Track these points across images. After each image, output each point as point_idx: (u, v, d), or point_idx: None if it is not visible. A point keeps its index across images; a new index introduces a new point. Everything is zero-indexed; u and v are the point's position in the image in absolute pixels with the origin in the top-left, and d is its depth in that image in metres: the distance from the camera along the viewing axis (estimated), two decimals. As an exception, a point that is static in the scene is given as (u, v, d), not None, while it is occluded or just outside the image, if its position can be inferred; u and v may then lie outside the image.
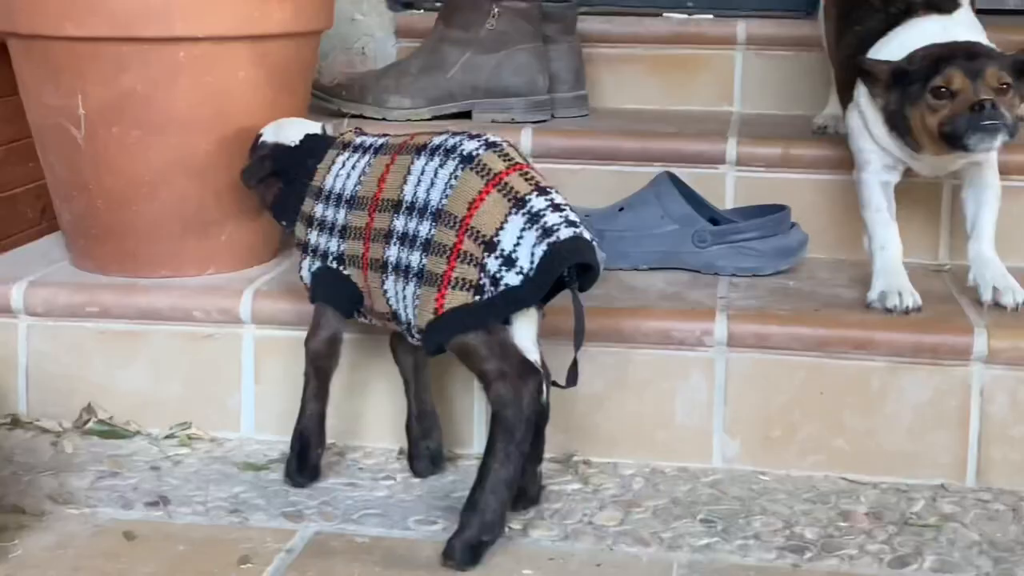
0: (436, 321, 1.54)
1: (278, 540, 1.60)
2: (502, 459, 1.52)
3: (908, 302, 1.84)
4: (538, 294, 1.53)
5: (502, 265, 1.51)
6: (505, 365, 1.53)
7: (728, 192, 2.22)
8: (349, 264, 1.68)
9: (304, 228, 1.74)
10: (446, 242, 1.54)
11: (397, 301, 1.61)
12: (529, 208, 1.52)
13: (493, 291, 1.52)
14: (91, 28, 1.87)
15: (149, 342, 1.93)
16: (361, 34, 2.67)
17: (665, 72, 2.60)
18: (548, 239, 1.51)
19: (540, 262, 1.50)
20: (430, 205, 1.57)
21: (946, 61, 1.80)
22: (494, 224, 1.52)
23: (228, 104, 1.94)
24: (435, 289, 1.54)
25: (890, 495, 1.75)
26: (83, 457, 1.84)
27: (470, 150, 1.57)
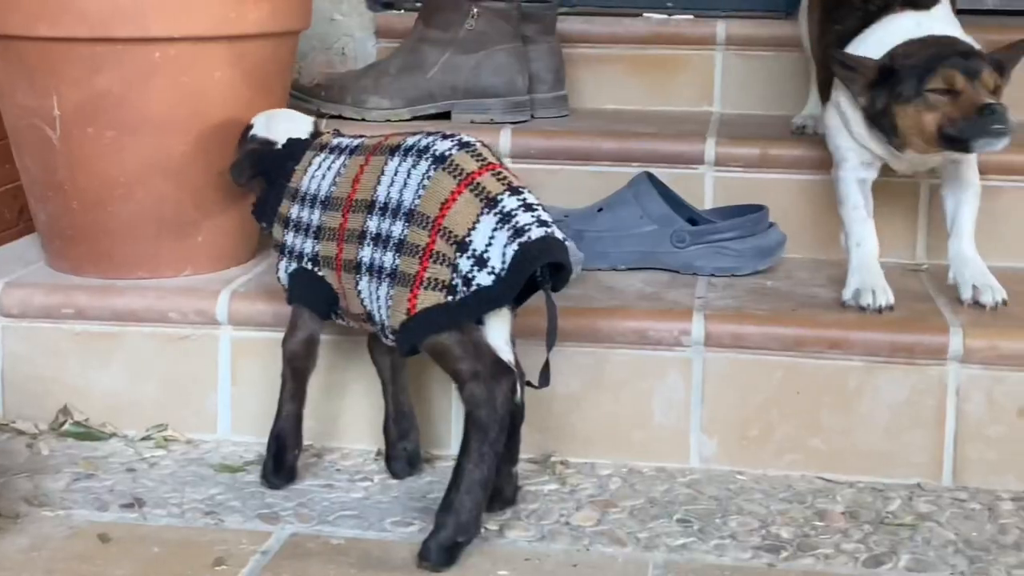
0: (409, 321, 1.54)
1: (253, 542, 1.59)
2: (476, 459, 1.51)
3: (881, 301, 1.84)
4: (510, 294, 1.53)
5: (474, 265, 1.51)
6: (479, 365, 1.53)
7: (707, 192, 2.22)
8: (323, 265, 1.67)
9: (281, 229, 1.74)
10: (419, 242, 1.54)
11: (371, 302, 1.61)
12: (501, 208, 1.52)
13: (465, 291, 1.52)
14: (65, 28, 1.86)
15: (125, 343, 1.92)
16: (341, 34, 2.67)
17: (645, 72, 2.60)
18: (519, 239, 1.51)
19: (511, 262, 1.50)
20: (403, 205, 1.57)
21: (942, 60, 1.79)
22: (466, 224, 1.52)
23: (204, 105, 1.94)
24: (407, 289, 1.54)
25: (866, 494, 1.75)
26: (59, 459, 1.83)
27: (443, 150, 1.57)
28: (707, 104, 2.59)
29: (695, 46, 2.59)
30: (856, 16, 1.96)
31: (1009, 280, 1.97)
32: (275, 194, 1.77)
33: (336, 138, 1.77)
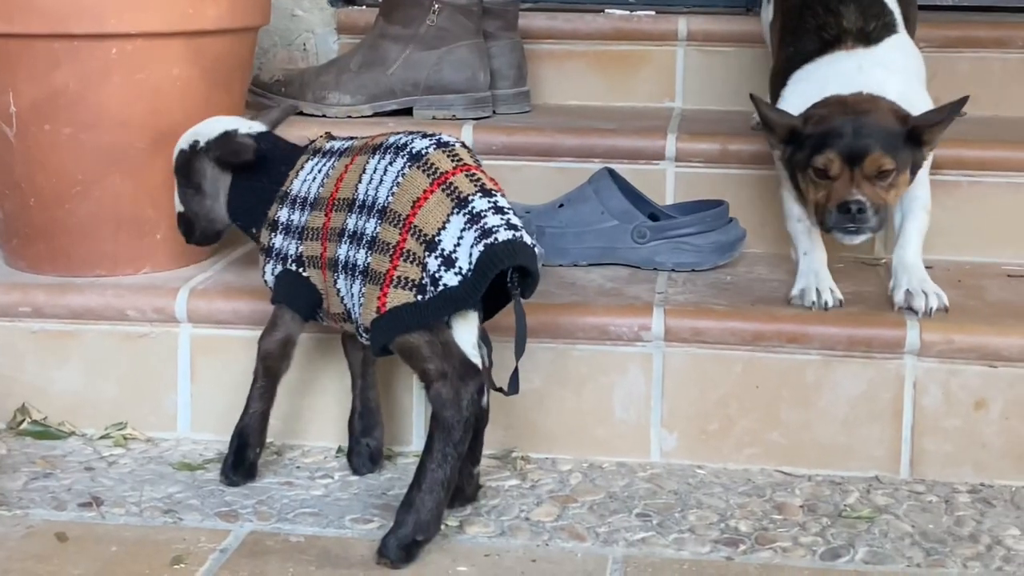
0: (379, 320, 1.54)
1: (212, 540, 1.59)
2: (439, 459, 1.51)
3: (827, 298, 1.85)
4: (475, 295, 1.52)
5: (441, 265, 1.52)
6: (446, 365, 1.53)
7: (668, 188, 2.23)
8: (309, 265, 1.67)
9: (268, 233, 1.73)
10: (390, 240, 1.54)
11: (348, 299, 1.61)
12: (471, 209, 1.53)
13: (433, 291, 1.52)
14: (22, 24, 1.84)
15: (83, 342, 1.91)
16: (302, 30, 2.66)
17: (607, 68, 2.60)
18: (485, 239, 1.51)
19: (476, 263, 1.50)
20: (377, 203, 1.58)
21: (831, 139, 1.80)
22: (436, 224, 1.53)
23: (162, 101, 1.93)
24: (378, 288, 1.54)
25: (824, 487, 1.77)
26: (16, 458, 1.82)
27: (419, 148, 1.58)
28: (668, 100, 2.60)
29: (657, 42, 2.60)
30: (810, 41, 1.97)
31: (966, 275, 1.99)
32: (261, 198, 1.75)
33: (329, 142, 1.76)
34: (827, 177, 1.81)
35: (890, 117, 1.83)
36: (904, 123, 1.82)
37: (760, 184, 2.19)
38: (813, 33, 1.98)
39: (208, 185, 1.79)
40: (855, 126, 1.81)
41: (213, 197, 1.80)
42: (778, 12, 2.15)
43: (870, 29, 1.96)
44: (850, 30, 1.96)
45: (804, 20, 2.01)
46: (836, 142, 1.80)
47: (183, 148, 1.80)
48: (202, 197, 1.80)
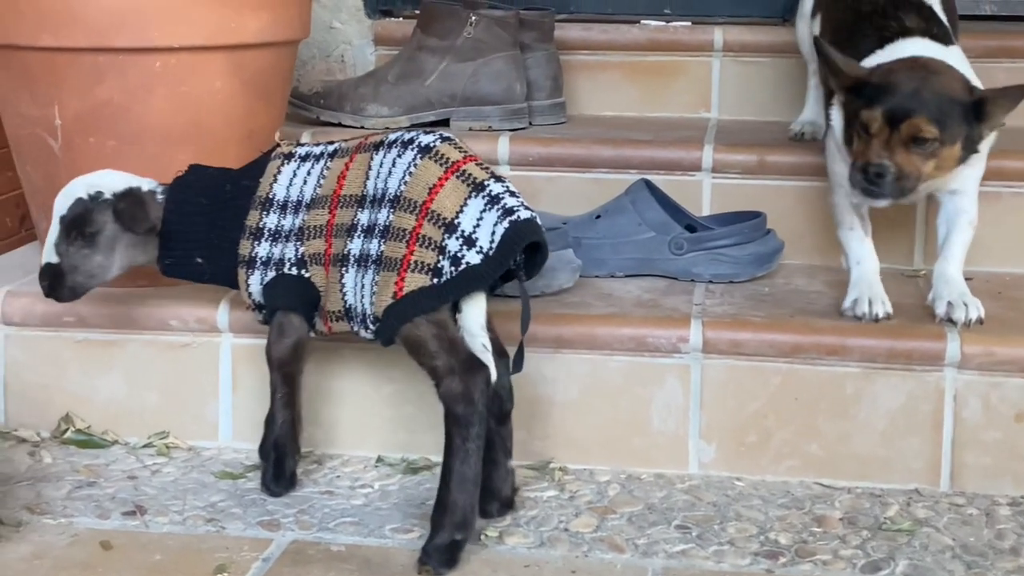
0: (394, 305, 1.56)
1: (254, 549, 1.60)
2: (462, 456, 1.53)
3: (878, 310, 1.85)
4: (497, 271, 1.56)
5: (463, 245, 1.55)
6: (453, 361, 1.55)
7: (704, 199, 2.23)
8: (311, 264, 1.68)
9: (250, 243, 1.73)
10: (405, 226, 1.57)
11: (355, 293, 1.63)
12: (488, 192, 1.58)
13: (453, 271, 1.55)
14: (67, 39, 1.87)
15: (126, 351, 1.93)
16: (340, 42, 2.68)
17: (643, 79, 2.61)
18: (510, 217, 1.56)
19: (502, 239, 1.55)
20: (388, 193, 1.61)
21: (885, 94, 1.76)
22: (454, 207, 1.57)
23: (204, 114, 1.95)
24: (395, 273, 1.57)
25: (864, 500, 1.76)
26: (60, 467, 1.84)
27: (427, 142, 1.62)
28: (704, 110, 2.60)
29: (693, 52, 2.60)
30: (870, 42, 1.93)
31: (1006, 286, 1.99)
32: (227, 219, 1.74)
33: (304, 147, 1.77)
34: (868, 133, 1.78)
35: (956, 85, 1.79)
36: (970, 93, 1.78)
37: (798, 195, 2.19)
38: (872, 36, 1.94)
39: (102, 240, 1.73)
40: (914, 86, 1.76)
41: (105, 253, 1.74)
42: (826, 26, 2.12)
43: (933, 32, 1.93)
44: (913, 28, 1.92)
45: (859, 27, 1.97)
46: (886, 99, 1.76)
47: (81, 196, 1.73)
48: (92, 251, 1.73)
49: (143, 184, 1.76)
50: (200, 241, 1.75)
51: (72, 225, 1.72)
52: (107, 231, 1.73)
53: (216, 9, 1.91)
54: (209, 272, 1.77)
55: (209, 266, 1.75)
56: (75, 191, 1.74)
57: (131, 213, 1.72)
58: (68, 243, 1.73)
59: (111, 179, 1.76)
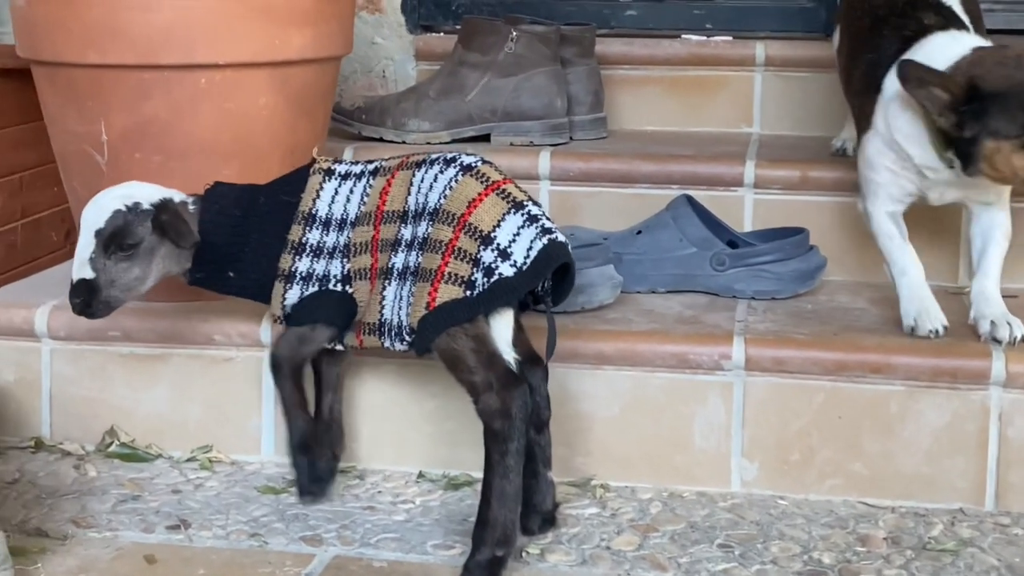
0: (427, 316, 1.58)
1: (297, 564, 1.61)
2: (502, 471, 1.53)
3: (937, 326, 1.84)
4: (529, 285, 1.58)
5: (497, 257, 1.57)
6: (491, 376, 1.56)
7: (746, 214, 2.22)
8: (357, 279, 1.69)
9: (291, 257, 1.72)
10: (442, 238, 1.59)
11: (393, 305, 1.64)
12: (528, 211, 1.61)
13: (486, 282, 1.57)
14: (114, 56, 1.89)
15: (171, 366, 1.95)
16: (381, 57, 2.70)
17: (684, 94, 2.61)
18: (548, 235, 1.59)
19: (538, 255, 1.57)
20: (428, 206, 1.63)
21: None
22: (492, 221, 1.59)
23: (249, 129, 1.96)
24: (428, 284, 1.59)
25: (908, 519, 1.75)
26: (105, 480, 1.86)
27: (469, 161, 1.65)
28: (746, 125, 2.59)
29: (734, 67, 2.59)
30: (892, 42, 1.91)
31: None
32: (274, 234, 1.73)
33: (342, 164, 1.77)
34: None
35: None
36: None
37: (841, 211, 2.18)
38: (892, 37, 1.90)
39: (143, 251, 1.71)
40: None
41: (144, 265, 1.72)
42: (844, 36, 2.12)
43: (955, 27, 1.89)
44: (933, 25, 1.88)
45: (879, 30, 1.95)
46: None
47: (119, 208, 1.70)
48: (131, 264, 1.71)
49: (174, 196, 1.75)
50: (235, 255, 1.75)
51: (111, 238, 1.70)
52: (147, 243, 1.71)
53: (261, 26, 1.92)
54: (237, 285, 1.76)
55: (238, 279, 1.75)
56: (109, 204, 1.71)
57: (176, 227, 1.71)
58: (106, 256, 1.70)
59: (143, 190, 1.73)
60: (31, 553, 1.62)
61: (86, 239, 1.71)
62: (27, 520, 1.71)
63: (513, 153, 2.33)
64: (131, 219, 1.70)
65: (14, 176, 2.21)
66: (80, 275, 1.71)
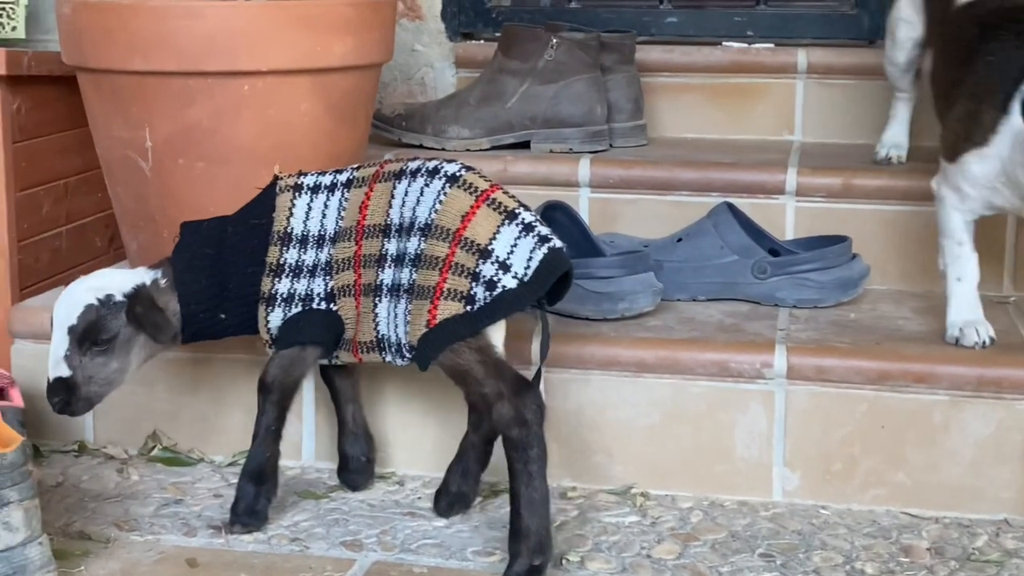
0: (429, 334, 1.57)
1: (338, 569, 1.61)
2: (526, 479, 1.53)
3: (984, 337, 1.82)
4: (534, 296, 1.57)
5: (498, 270, 1.56)
6: (501, 385, 1.56)
7: (788, 222, 2.21)
8: (341, 296, 1.67)
9: (270, 280, 1.70)
10: (438, 254, 1.58)
11: (388, 323, 1.63)
12: (521, 220, 1.59)
13: (488, 295, 1.56)
14: (158, 63, 1.90)
15: (212, 370, 1.96)
16: (421, 65, 2.70)
17: (724, 101, 2.60)
18: (547, 244, 1.57)
19: (540, 265, 1.56)
20: (417, 222, 1.61)
21: None
22: (487, 234, 1.57)
23: (290, 136, 1.97)
24: (427, 301, 1.57)
25: (952, 530, 1.73)
26: (147, 484, 1.87)
27: (453, 171, 1.63)
28: (787, 133, 2.58)
29: (775, 74, 2.58)
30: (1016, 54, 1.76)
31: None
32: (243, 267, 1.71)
33: (302, 177, 1.74)
34: None
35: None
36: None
37: (884, 219, 2.17)
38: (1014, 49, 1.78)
39: (119, 344, 1.67)
40: None
41: (122, 357, 1.68)
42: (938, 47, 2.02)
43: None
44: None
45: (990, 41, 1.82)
46: None
47: (91, 303, 1.65)
48: (108, 358, 1.66)
49: (145, 279, 1.70)
50: (218, 295, 1.72)
51: (85, 334, 1.64)
52: (122, 335, 1.66)
53: (303, 33, 1.93)
54: (233, 324, 1.73)
55: (232, 318, 1.72)
56: (80, 298, 1.65)
57: (152, 320, 1.66)
58: (81, 353, 1.64)
59: (115, 280, 1.69)
60: (74, 556, 1.63)
61: (59, 336, 1.65)
62: (70, 523, 1.73)
63: (552, 160, 2.33)
64: (104, 313, 1.65)
65: (59, 182, 2.23)
66: (56, 373, 1.65)
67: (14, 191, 2.11)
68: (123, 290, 1.68)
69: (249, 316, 1.72)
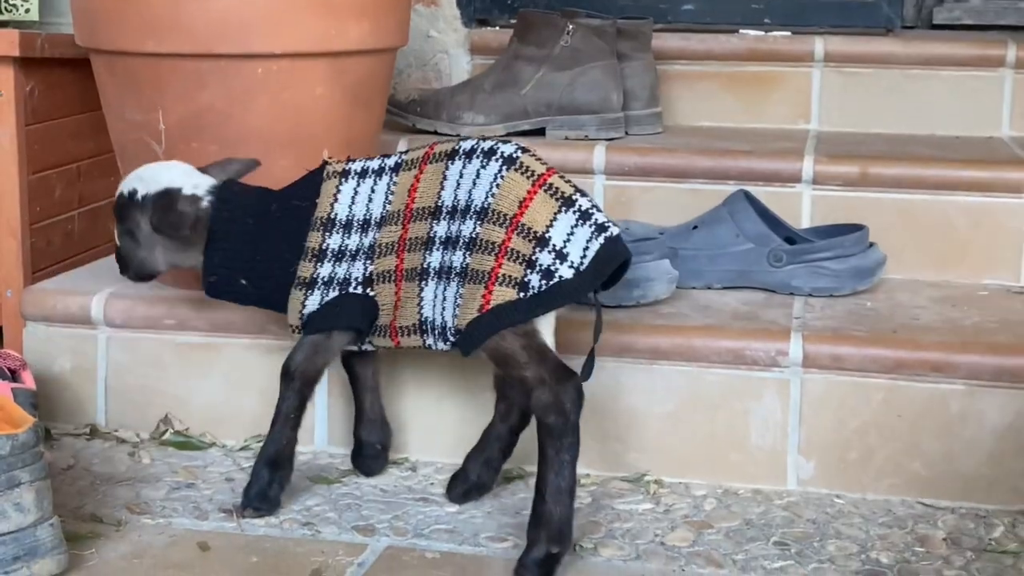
0: (480, 318, 1.55)
1: (350, 554, 1.60)
2: (556, 468, 1.52)
3: None
4: (590, 286, 1.56)
5: (555, 259, 1.54)
6: (543, 371, 1.54)
7: (804, 211, 2.19)
8: (380, 281, 1.66)
9: (312, 264, 1.69)
10: (494, 239, 1.56)
11: (434, 306, 1.61)
12: (579, 207, 1.57)
13: (544, 284, 1.54)
14: (172, 45, 1.90)
15: (225, 355, 1.95)
16: (436, 51, 2.69)
17: (741, 89, 2.58)
18: (604, 234, 1.56)
19: (596, 255, 1.54)
20: (473, 205, 1.59)
21: None
22: (544, 221, 1.55)
23: (305, 120, 1.96)
24: (482, 286, 1.55)
25: (968, 520, 1.72)
26: (159, 468, 1.87)
27: (510, 152, 1.61)
28: (804, 121, 2.56)
29: (792, 63, 2.56)
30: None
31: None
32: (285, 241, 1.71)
33: (351, 163, 1.74)
34: None
35: None
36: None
37: (900, 208, 2.15)
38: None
39: (142, 237, 1.76)
40: None
41: (147, 249, 1.76)
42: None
43: None
44: None
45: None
46: None
47: (122, 192, 1.76)
48: (135, 245, 1.76)
49: (187, 185, 1.74)
50: (245, 263, 1.72)
51: (117, 216, 1.76)
52: (144, 229, 1.74)
53: (318, 17, 1.92)
54: (255, 295, 1.74)
55: (254, 289, 1.73)
56: (126, 183, 1.77)
57: (162, 217, 1.71)
58: (120, 233, 1.77)
59: (154, 176, 1.75)
60: (85, 539, 1.63)
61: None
62: (81, 506, 1.72)
63: (568, 147, 2.32)
64: (127, 204, 1.75)
65: (72, 165, 2.23)
66: (116, 241, 1.80)
67: (27, 174, 2.10)
68: (153, 188, 1.74)
69: (271, 294, 1.72)
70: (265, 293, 1.73)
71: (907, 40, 2.55)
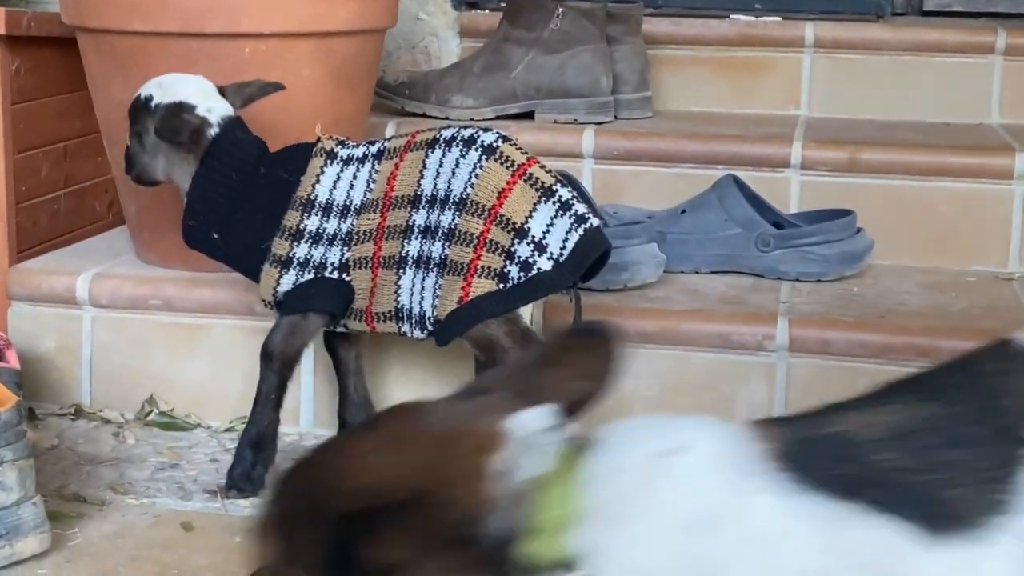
0: (459, 310, 1.55)
1: (333, 535, 1.60)
2: None
3: None
4: (570, 278, 1.55)
5: (534, 251, 1.54)
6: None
7: (792, 196, 2.19)
8: (356, 267, 1.65)
9: (288, 243, 1.68)
10: (472, 230, 1.55)
11: (412, 295, 1.60)
12: (559, 197, 1.56)
13: (523, 276, 1.54)
14: (159, 23, 1.89)
15: (211, 335, 1.95)
16: (425, 33, 2.68)
17: (731, 74, 2.58)
18: (583, 225, 1.55)
19: (576, 246, 1.53)
20: (452, 195, 1.58)
21: None
22: (524, 212, 1.55)
23: (292, 100, 1.95)
24: (460, 278, 1.55)
25: (953, 506, 1.72)
26: (144, 448, 1.86)
27: (490, 141, 1.59)
28: (793, 107, 2.56)
29: (783, 48, 2.56)
30: None
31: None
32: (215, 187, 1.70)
33: (341, 148, 1.72)
34: None
35: None
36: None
37: (889, 194, 2.15)
38: None
39: (148, 142, 1.76)
40: None
41: (151, 155, 1.77)
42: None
43: None
44: None
45: None
46: None
47: (139, 95, 1.78)
48: (140, 149, 1.78)
49: (201, 106, 1.72)
50: (221, 218, 1.71)
51: (130, 117, 1.78)
52: (151, 136, 1.75)
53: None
54: (222, 252, 1.73)
55: (223, 246, 1.72)
56: (145, 88, 1.77)
57: (166, 122, 1.71)
58: (131, 134, 1.78)
59: (172, 87, 1.75)
60: (68, 518, 1.62)
61: None
62: (65, 486, 1.72)
63: (557, 131, 2.32)
64: (139, 107, 1.76)
65: (58, 145, 2.21)
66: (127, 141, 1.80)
67: (12, 153, 2.09)
68: (162, 99, 1.74)
69: (240, 257, 1.72)
70: (233, 253, 1.72)
71: (897, 26, 2.55)
